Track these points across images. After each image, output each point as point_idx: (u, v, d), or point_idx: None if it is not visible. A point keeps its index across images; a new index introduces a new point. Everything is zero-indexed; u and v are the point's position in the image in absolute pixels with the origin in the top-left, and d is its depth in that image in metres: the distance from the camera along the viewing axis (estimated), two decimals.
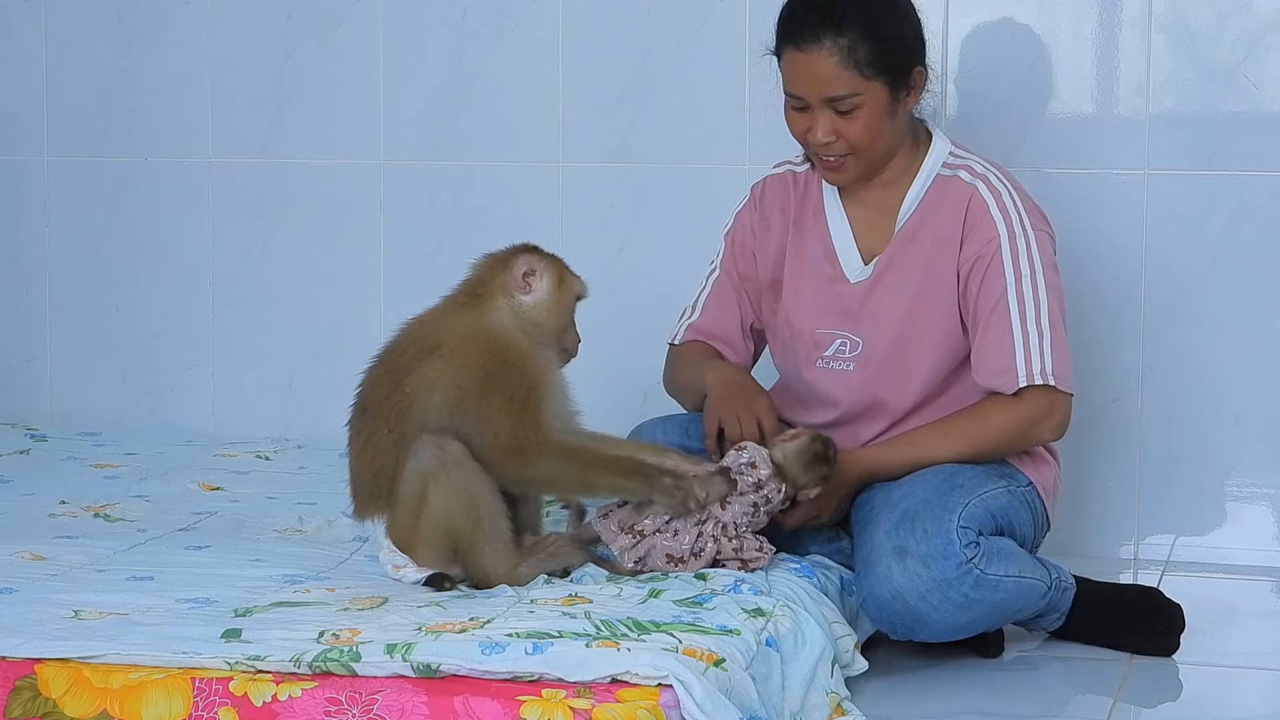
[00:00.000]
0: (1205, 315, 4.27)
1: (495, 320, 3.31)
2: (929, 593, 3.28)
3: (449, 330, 3.31)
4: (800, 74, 3.49)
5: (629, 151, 4.59)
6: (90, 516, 3.83)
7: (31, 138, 4.95)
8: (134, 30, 4.88)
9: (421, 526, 3.23)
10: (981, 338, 3.51)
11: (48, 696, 2.81)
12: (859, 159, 3.53)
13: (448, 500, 3.20)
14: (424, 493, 3.20)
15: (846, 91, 3.46)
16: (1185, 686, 3.46)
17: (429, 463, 3.20)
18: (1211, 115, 4.26)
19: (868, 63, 3.45)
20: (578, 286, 3.38)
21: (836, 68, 3.45)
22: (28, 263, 4.99)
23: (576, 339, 3.41)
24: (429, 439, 3.21)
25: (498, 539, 3.24)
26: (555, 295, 3.35)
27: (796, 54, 3.48)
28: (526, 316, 3.33)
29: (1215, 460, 4.29)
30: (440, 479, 3.19)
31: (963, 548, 3.29)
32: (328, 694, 2.75)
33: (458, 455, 3.21)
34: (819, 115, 3.49)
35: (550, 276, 3.35)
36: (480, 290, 3.35)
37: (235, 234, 4.85)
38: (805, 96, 3.49)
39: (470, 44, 4.66)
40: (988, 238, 3.51)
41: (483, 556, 3.23)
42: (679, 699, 2.72)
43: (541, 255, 3.37)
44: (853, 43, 3.44)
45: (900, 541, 3.30)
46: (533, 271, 3.33)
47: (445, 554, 3.24)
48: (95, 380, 4.97)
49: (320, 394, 4.76)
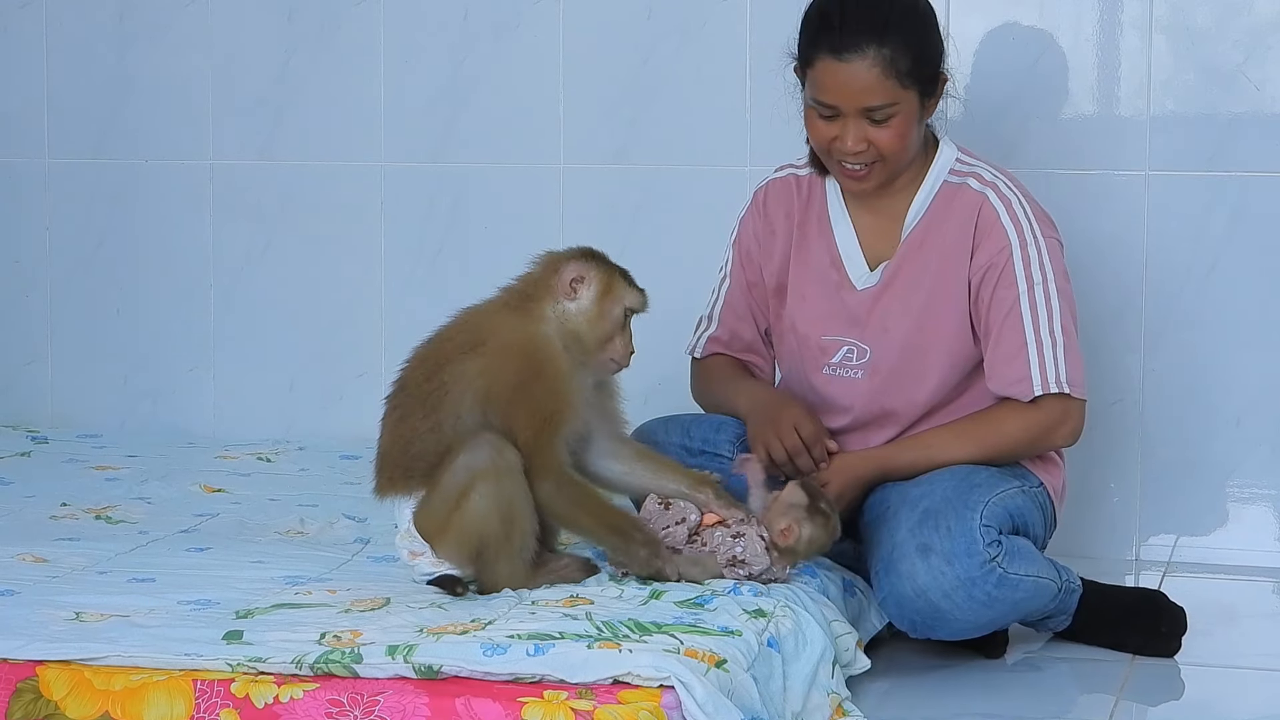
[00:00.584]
0: (1207, 316, 4.27)
1: (540, 330, 3.27)
2: (953, 590, 3.29)
3: (494, 330, 3.29)
4: (837, 82, 3.45)
5: (630, 153, 4.59)
6: (91, 519, 3.83)
7: (32, 140, 4.95)
8: (135, 32, 4.88)
9: (455, 521, 3.20)
10: (995, 347, 3.51)
11: (49, 699, 2.81)
12: (884, 168, 3.52)
13: (488, 504, 3.17)
14: (469, 489, 3.17)
15: (885, 101, 3.44)
16: (1187, 687, 3.46)
17: (482, 462, 3.17)
18: (1213, 116, 4.26)
19: (907, 73, 3.43)
20: (629, 298, 3.29)
21: (879, 78, 3.42)
22: (29, 265, 4.99)
23: (627, 350, 3.31)
24: (490, 439, 3.18)
25: (519, 556, 3.22)
26: (599, 305, 3.28)
27: (834, 62, 3.44)
28: (569, 325, 3.27)
29: (1217, 462, 4.29)
30: (488, 481, 3.17)
31: (986, 546, 3.30)
32: (329, 695, 2.75)
33: (511, 464, 3.18)
34: (850, 124, 3.46)
35: (598, 284, 3.28)
36: (532, 291, 3.30)
37: (236, 236, 4.85)
38: (840, 105, 3.46)
39: (471, 46, 4.66)
40: (999, 246, 3.50)
41: (500, 567, 3.22)
42: (680, 700, 2.72)
43: (594, 261, 3.31)
44: (895, 53, 3.42)
45: (924, 539, 3.30)
46: (581, 278, 3.28)
47: (468, 554, 3.22)
48: (96, 382, 4.97)
49: (321, 396, 4.76)
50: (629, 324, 3.32)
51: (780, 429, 3.51)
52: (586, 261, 3.30)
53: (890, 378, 3.58)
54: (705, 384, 3.79)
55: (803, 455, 3.50)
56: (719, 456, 3.64)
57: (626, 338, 3.32)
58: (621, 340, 3.31)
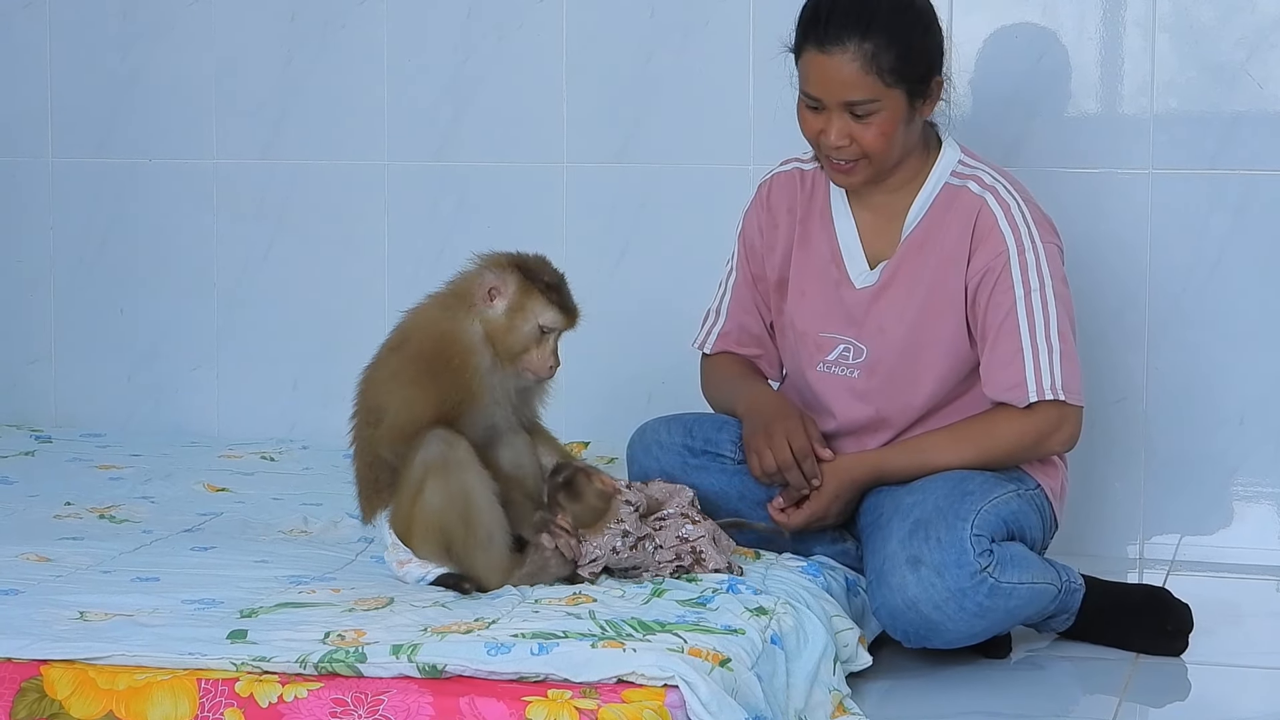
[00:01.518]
0: (1210, 315, 4.27)
1: (459, 325, 3.27)
2: (944, 602, 3.28)
3: (417, 324, 3.32)
4: (820, 75, 3.46)
5: (633, 152, 4.58)
6: (95, 518, 3.83)
7: (35, 139, 4.95)
8: (138, 31, 4.88)
9: (416, 518, 3.23)
10: (991, 352, 3.50)
11: (54, 698, 2.81)
12: (869, 165, 3.51)
13: (442, 498, 3.19)
14: (422, 484, 3.20)
15: (866, 97, 3.44)
16: (1191, 686, 3.46)
17: (433, 456, 3.19)
18: (1216, 114, 4.26)
19: (890, 70, 3.42)
20: (544, 316, 3.26)
21: (859, 73, 3.42)
22: (32, 264, 4.99)
23: (544, 364, 3.28)
24: (440, 433, 3.20)
25: (490, 546, 3.22)
26: (510, 318, 3.26)
27: (818, 54, 3.45)
28: (487, 330, 3.27)
29: (1220, 460, 4.29)
30: (439, 474, 3.18)
31: (976, 556, 3.29)
32: (333, 695, 2.75)
33: (463, 456, 3.19)
34: (834, 118, 3.47)
35: (511, 298, 3.26)
36: (461, 291, 3.31)
37: (239, 235, 4.85)
38: (822, 98, 3.46)
39: (474, 45, 4.66)
40: (996, 251, 3.50)
41: (475, 562, 3.22)
42: (685, 699, 2.72)
43: (514, 273, 3.28)
44: (877, 49, 3.41)
45: (914, 551, 3.29)
46: (497, 289, 3.26)
47: (438, 550, 3.24)
48: (100, 381, 4.97)
49: (325, 395, 4.76)
50: (550, 339, 3.28)
51: (773, 440, 3.51)
52: (505, 272, 3.27)
53: (887, 380, 3.57)
54: (711, 383, 3.79)
55: (793, 470, 3.49)
56: (721, 456, 3.64)
57: (545, 351, 3.28)
58: (539, 354, 3.28)
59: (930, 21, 3.54)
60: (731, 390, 3.71)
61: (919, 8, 3.53)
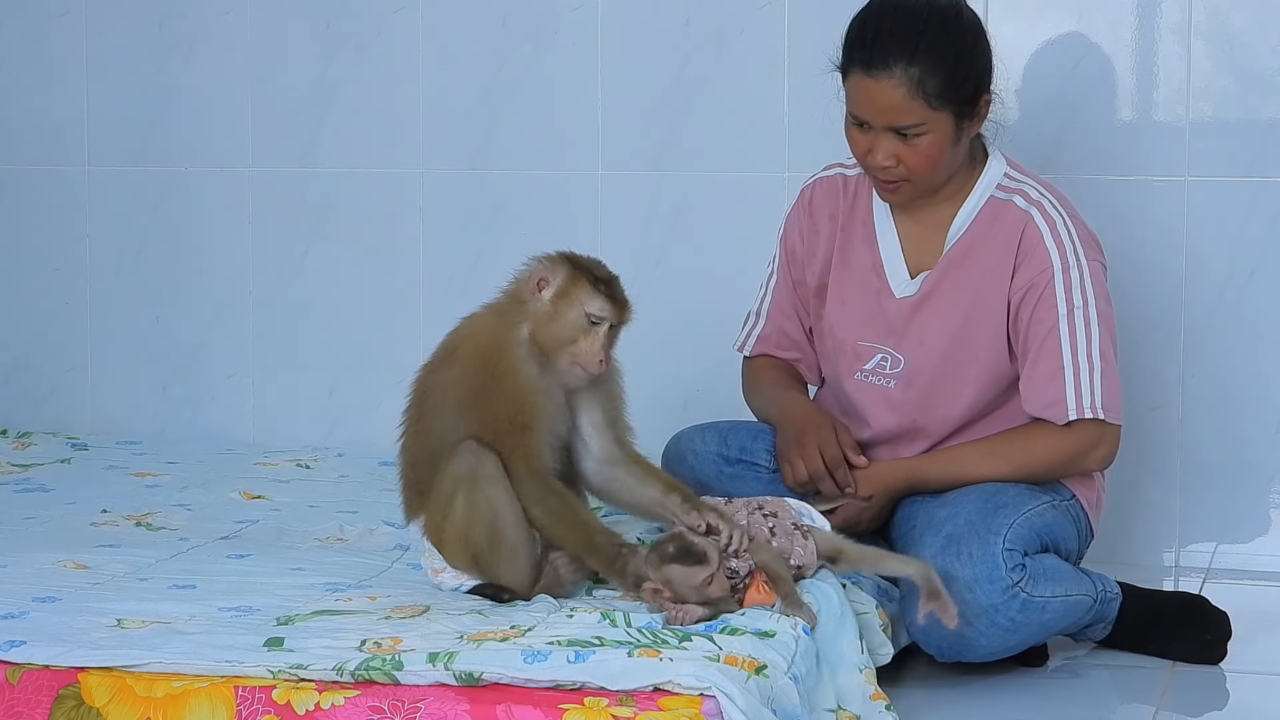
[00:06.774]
0: (1246, 322, 4.25)
1: (508, 334, 3.24)
2: (975, 618, 3.27)
3: (468, 334, 3.31)
4: (865, 99, 3.43)
5: (668, 160, 4.58)
6: (132, 525, 3.85)
7: (73, 148, 4.97)
8: (174, 41, 4.89)
9: (447, 530, 3.23)
10: (1031, 368, 3.49)
11: (91, 705, 2.83)
12: (914, 186, 3.50)
13: (469, 513, 3.19)
14: (452, 497, 3.20)
15: (913, 122, 3.41)
16: (1229, 695, 3.44)
17: (463, 470, 3.19)
18: (1251, 121, 4.25)
19: (936, 94, 3.40)
20: (590, 304, 3.21)
21: (905, 98, 3.40)
22: (69, 273, 5.00)
23: (592, 357, 3.21)
24: (471, 446, 3.19)
25: (515, 561, 3.21)
26: (555, 306, 3.22)
27: (864, 79, 3.43)
28: (534, 326, 3.24)
29: (1256, 468, 4.27)
30: (467, 489, 3.18)
31: (1009, 571, 3.28)
32: (370, 702, 2.76)
33: (490, 471, 3.18)
34: (880, 139, 3.45)
35: (558, 286, 3.23)
36: (515, 292, 3.30)
37: (275, 243, 4.86)
38: (869, 120, 3.44)
39: (509, 52, 4.67)
40: (1041, 267, 3.48)
41: (502, 572, 3.23)
42: (722, 708, 2.72)
43: (562, 263, 3.25)
44: (923, 74, 3.39)
45: (945, 567, 3.27)
46: (545, 279, 3.24)
47: (467, 561, 3.24)
48: (136, 389, 4.98)
49: (361, 402, 4.77)
50: (598, 330, 3.22)
51: (805, 449, 3.51)
52: (553, 263, 3.26)
53: (925, 392, 3.57)
54: (751, 389, 3.78)
55: (825, 479, 3.49)
56: (755, 465, 3.64)
57: (592, 343, 3.22)
58: (586, 344, 3.22)
59: (977, 39, 3.50)
60: (768, 399, 3.70)
61: (966, 26, 3.49)
